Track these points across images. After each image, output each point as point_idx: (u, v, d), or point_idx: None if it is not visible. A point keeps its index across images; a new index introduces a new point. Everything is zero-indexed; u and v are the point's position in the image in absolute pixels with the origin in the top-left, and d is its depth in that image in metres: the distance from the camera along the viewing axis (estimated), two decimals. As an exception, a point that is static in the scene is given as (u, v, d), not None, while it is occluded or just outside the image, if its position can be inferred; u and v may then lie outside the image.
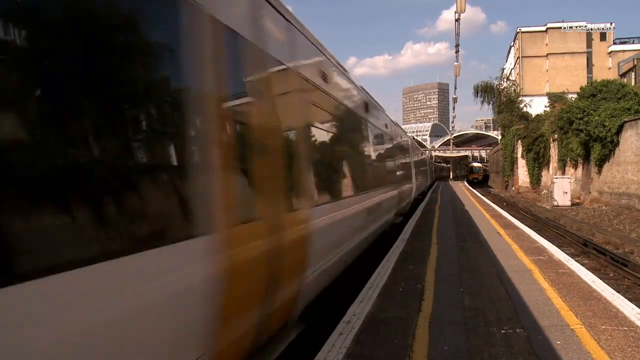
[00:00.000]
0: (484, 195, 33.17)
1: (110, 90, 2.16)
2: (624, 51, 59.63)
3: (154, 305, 2.24)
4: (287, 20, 4.42)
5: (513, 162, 44.33)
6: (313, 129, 5.22)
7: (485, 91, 50.10)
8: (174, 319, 2.44)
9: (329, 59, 6.14)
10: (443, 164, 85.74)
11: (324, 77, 5.71)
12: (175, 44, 2.59)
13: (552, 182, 28.75)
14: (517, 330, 5.08)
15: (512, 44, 77.03)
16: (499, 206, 23.44)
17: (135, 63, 2.37)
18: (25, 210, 1.71)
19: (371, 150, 9.57)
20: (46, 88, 1.81)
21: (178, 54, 2.62)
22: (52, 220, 1.83)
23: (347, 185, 6.78)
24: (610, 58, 63.31)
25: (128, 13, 2.30)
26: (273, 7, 4.06)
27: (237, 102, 3.41)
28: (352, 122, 7.77)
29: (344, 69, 7.36)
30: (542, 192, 32.22)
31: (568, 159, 31.60)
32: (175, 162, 2.65)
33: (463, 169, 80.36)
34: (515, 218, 17.34)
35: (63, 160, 1.90)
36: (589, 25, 64.54)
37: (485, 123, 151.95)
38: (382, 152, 11.20)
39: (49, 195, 1.80)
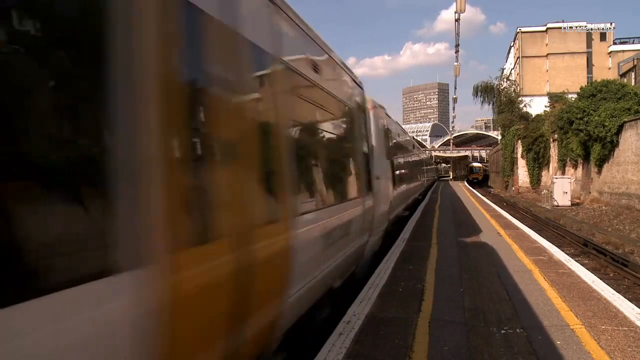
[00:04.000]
0: (484, 195, 33.18)
1: None
2: (624, 51, 59.51)
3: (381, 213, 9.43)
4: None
5: (513, 162, 44.29)
6: (416, 164, 22.10)
7: (485, 91, 50.09)
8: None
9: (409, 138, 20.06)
10: (443, 164, 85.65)
11: (413, 146, 18.82)
12: None
13: (552, 182, 28.74)
14: (517, 330, 5.08)
15: (512, 44, 77.01)
16: (499, 206, 23.44)
17: None
18: None
19: (416, 167, 19.78)
20: None
21: None
22: None
23: (408, 180, 14.96)
24: (610, 58, 63.22)
25: None
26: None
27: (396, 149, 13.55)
28: (413, 152, 17.46)
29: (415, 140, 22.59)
30: (542, 192, 32.20)
31: (568, 159, 31.56)
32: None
33: (463, 169, 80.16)
34: (515, 218, 17.35)
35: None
36: (589, 25, 64.44)
37: (485, 123, 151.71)
38: (417, 166, 20.99)
39: None
